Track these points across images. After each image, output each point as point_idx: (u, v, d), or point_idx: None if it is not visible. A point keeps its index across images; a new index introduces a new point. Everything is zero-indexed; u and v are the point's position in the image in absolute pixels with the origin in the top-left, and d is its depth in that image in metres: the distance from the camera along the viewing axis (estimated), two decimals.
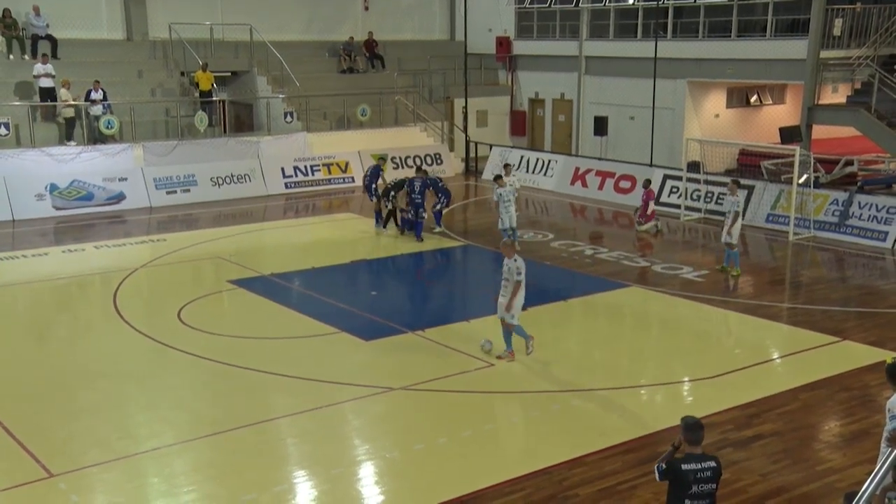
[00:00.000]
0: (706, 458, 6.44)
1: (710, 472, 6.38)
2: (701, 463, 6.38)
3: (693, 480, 6.33)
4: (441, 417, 10.40)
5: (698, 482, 6.34)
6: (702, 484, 6.36)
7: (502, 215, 17.46)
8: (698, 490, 6.35)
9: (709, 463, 6.41)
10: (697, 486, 6.34)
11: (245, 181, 24.55)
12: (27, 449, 9.39)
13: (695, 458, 6.42)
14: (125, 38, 27.41)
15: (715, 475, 6.41)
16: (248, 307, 14.73)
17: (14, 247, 18.91)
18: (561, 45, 30.53)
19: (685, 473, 6.34)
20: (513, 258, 11.72)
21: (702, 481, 6.36)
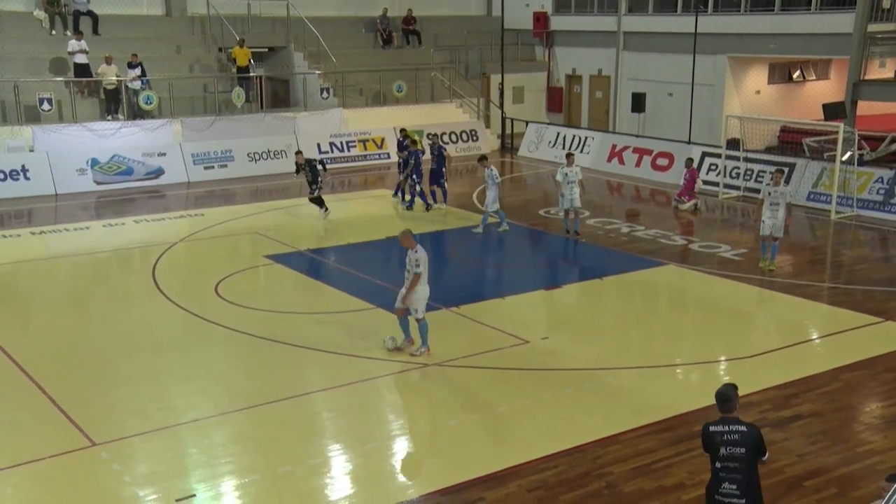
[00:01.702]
0: (737, 423, 6.43)
1: (737, 436, 6.36)
2: (729, 426, 6.40)
3: (720, 442, 6.37)
4: (475, 394, 10.42)
5: (726, 444, 6.36)
6: (730, 447, 6.36)
7: (564, 195, 17.05)
8: (726, 452, 6.36)
9: (738, 426, 6.40)
10: (725, 448, 6.37)
11: (281, 157, 24.65)
12: (71, 418, 9.59)
13: (725, 421, 6.44)
14: (164, 14, 27.59)
15: (744, 440, 6.36)
16: (284, 282, 14.84)
17: (57, 220, 19.23)
18: (599, 21, 30.13)
19: (712, 435, 6.42)
20: (414, 249, 11.03)
21: (730, 444, 6.35)
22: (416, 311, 11.22)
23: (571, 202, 17.06)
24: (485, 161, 18.31)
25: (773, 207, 14.88)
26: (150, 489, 8.26)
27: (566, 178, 17.01)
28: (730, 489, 6.37)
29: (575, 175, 16.98)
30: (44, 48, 24.49)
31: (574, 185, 16.94)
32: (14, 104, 22.39)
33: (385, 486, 8.42)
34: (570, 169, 17.02)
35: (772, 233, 14.98)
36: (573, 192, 16.96)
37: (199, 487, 8.31)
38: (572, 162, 17.27)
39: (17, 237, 17.65)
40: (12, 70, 23.15)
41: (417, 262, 11.02)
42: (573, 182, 16.94)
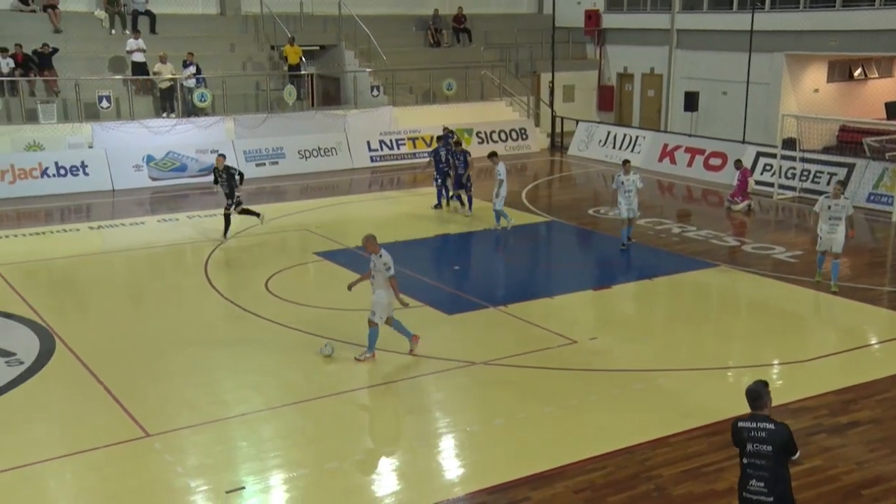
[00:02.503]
0: (766, 420, 6.36)
1: (764, 434, 6.29)
2: (758, 423, 6.35)
3: (747, 438, 6.34)
4: (522, 393, 10.37)
5: (752, 441, 6.32)
6: (756, 443, 6.31)
7: (620, 204, 16.14)
8: (753, 449, 6.32)
9: (766, 424, 6.33)
10: (752, 444, 6.33)
11: (332, 154, 24.86)
12: (126, 409, 9.78)
13: (754, 417, 6.39)
14: (219, 13, 28.01)
15: (771, 438, 6.27)
16: (333, 279, 14.94)
17: (114, 216, 19.66)
18: (652, 18, 29.78)
19: (739, 430, 6.41)
20: (377, 254, 10.87)
21: (756, 441, 6.31)
22: (374, 315, 11.01)
23: (628, 212, 16.14)
24: (495, 157, 18.12)
25: (832, 222, 13.63)
26: (201, 480, 8.39)
27: (622, 186, 16.06)
28: (757, 486, 6.33)
29: (633, 184, 16.00)
30: (104, 47, 25.05)
31: (631, 195, 16.00)
32: (75, 102, 22.94)
33: (430, 484, 8.43)
34: (627, 177, 16.03)
35: (832, 248, 13.70)
36: (630, 202, 16.04)
37: (248, 480, 8.42)
38: (629, 169, 16.25)
39: (76, 231, 18.07)
40: (74, 69, 23.72)
41: (388, 266, 10.82)
42: (630, 191, 15.99)
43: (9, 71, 22.45)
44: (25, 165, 21.19)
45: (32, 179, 21.12)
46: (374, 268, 10.97)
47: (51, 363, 11.07)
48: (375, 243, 10.98)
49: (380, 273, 10.91)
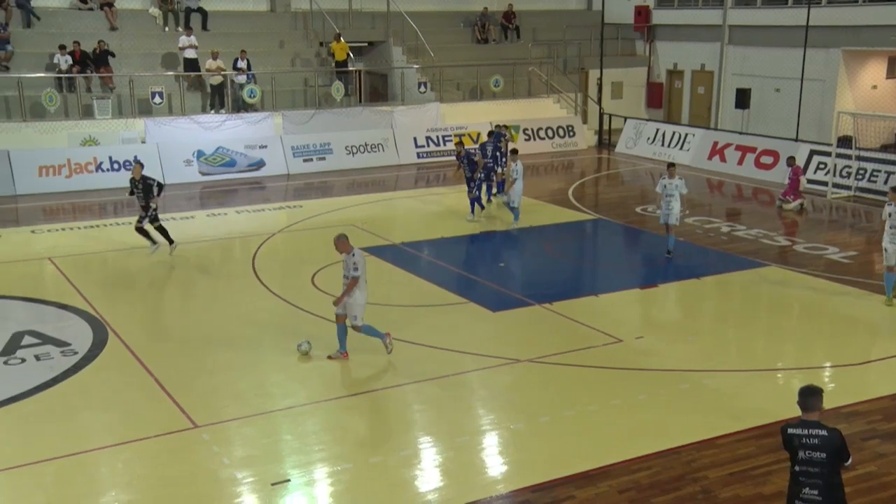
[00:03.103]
0: (818, 426, 6.19)
1: (817, 440, 6.14)
2: (809, 429, 6.18)
3: (799, 445, 6.19)
4: (567, 391, 10.32)
5: (804, 448, 6.17)
6: (808, 450, 6.16)
7: (662, 209, 15.56)
8: (805, 456, 6.18)
9: (818, 430, 6.17)
10: (804, 451, 6.18)
11: (378, 150, 24.97)
12: (175, 400, 9.96)
13: (805, 423, 6.23)
14: (269, 10, 28.31)
15: (825, 444, 6.13)
16: (378, 274, 14.99)
17: (165, 209, 19.90)
18: (703, 14, 29.35)
19: (790, 437, 6.25)
20: (350, 253, 10.71)
21: (808, 448, 6.16)
22: (355, 318, 10.90)
23: (667, 217, 15.47)
24: (515, 155, 18.01)
25: (892, 231, 12.67)
26: (247, 472, 8.50)
27: (665, 189, 15.43)
28: (811, 494, 6.19)
29: (675, 188, 15.30)
30: (157, 44, 25.50)
31: (672, 199, 15.30)
32: (129, 98, 23.39)
33: (474, 480, 8.43)
34: (670, 181, 15.33)
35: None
36: (670, 207, 15.34)
37: (293, 473, 8.50)
38: (674, 173, 15.46)
39: (128, 225, 18.41)
40: (129, 65, 24.20)
41: (356, 266, 10.68)
42: (671, 196, 15.31)
43: (67, 68, 22.97)
44: (81, 160, 21.67)
45: (87, 174, 21.58)
46: (345, 267, 10.83)
47: (103, 354, 11.31)
48: (346, 243, 10.82)
49: (349, 272, 10.77)
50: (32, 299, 13.46)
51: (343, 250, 10.82)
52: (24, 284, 14.19)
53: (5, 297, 13.50)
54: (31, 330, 12.02)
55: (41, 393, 10.14)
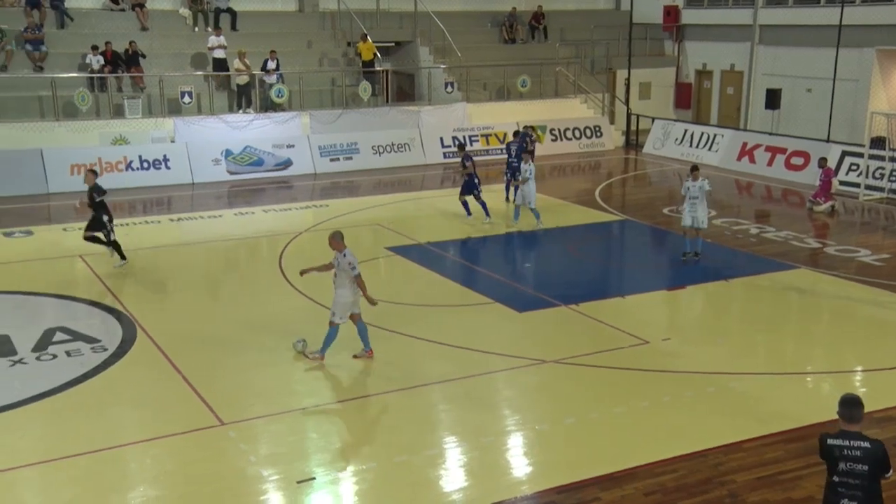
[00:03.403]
0: (860, 438, 6.09)
1: (859, 452, 6.03)
2: (850, 440, 6.07)
3: (839, 457, 6.07)
4: (593, 392, 10.27)
5: (845, 459, 6.05)
6: (850, 462, 6.04)
7: (686, 212, 15.21)
8: (846, 468, 6.06)
9: (860, 442, 6.06)
10: (845, 463, 6.06)
11: (405, 150, 25.01)
12: (202, 397, 10.04)
13: (846, 434, 6.12)
14: (297, 10, 28.47)
15: (867, 456, 6.02)
16: (404, 274, 15.06)
17: (193, 208, 20.18)
18: (734, 14, 29.10)
19: (830, 448, 6.13)
20: (342, 252, 10.68)
21: (850, 459, 6.04)
22: (334, 315, 10.83)
23: (692, 220, 15.13)
24: (528, 156, 18.01)
25: None
26: (273, 470, 8.55)
27: (688, 192, 15.11)
28: None
29: (698, 190, 14.97)
30: (187, 44, 25.73)
31: (697, 202, 14.98)
32: (159, 97, 23.63)
33: (499, 481, 8.42)
34: (693, 183, 15.00)
35: None
36: (695, 210, 15.02)
37: (318, 471, 8.54)
38: (697, 176, 15.10)
39: (157, 223, 18.62)
40: (158, 65, 24.45)
41: (352, 265, 10.63)
42: (696, 198, 14.98)
43: (99, 68, 23.25)
44: (112, 159, 21.92)
45: (118, 172, 21.82)
46: (339, 266, 10.78)
47: (132, 350, 11.44)
48: (340, 241, 10.80)
49: (343, 272, 10.71)
50: (64, 296, 13.64)
51: (336, 248, 10.79)
52: (56, 282, 14.38)
53: (38, 294, 13.70)
54: (63, 326, 12.19)
55: (72, 389, 10.28)
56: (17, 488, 8.24)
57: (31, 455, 8.74)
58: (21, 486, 8.28)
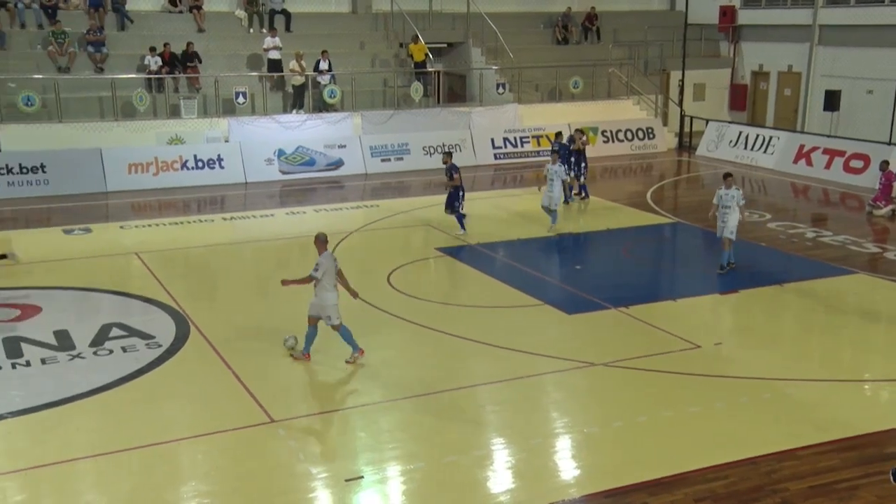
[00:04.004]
0: None
1: None
2: None
3: None
4: (642, 396, 10.15)
5: None
6: None
7: (718, 221, 14.76)
8: None
9: None
10: None
11: (456, 151, 24.92)
12: (253, 394, 10.17)
13: None
14: (351, 11, 28.70)
15: None
16: (454, 275, 15.07)
17: (246, 207, 20.47)
18: (792, 14, 28.52)
19: None
20: (322, 254, 10.70)
21: None
22: (330, 318, 10.81)
23: (723, 229, 14.56)
24: (554, 156, 17.95)
25: None
26: (322, 468, 8.63)
27: (721, 200, 14.54)
28: None
29: (731, 199, 14.37)
30: (242, 45, 26.12)
31: (729, 212, 14.38)
32: (214, 98, 24.03)
33: (547, 483, 8.37)
34: (727, 192, 14.45)
35: None
36: (725, 219, 14.45)
37: (366, 470, 8.59)
38: (731, 184, 14.56)
39: (210, 222, 18.92)
40: (214, 66, 24.86)
41: (317, 266, 10.63)
42: (728, 207, 14.39)
43: (157, 69, 23.73)
44: (167, 158, 22.35)
45: (173, 171, 22.25)
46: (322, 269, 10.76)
47: (185, 347, 11.64)
48: (320, 242, 10.85)
49: (328, 274, 10.72)
50: (120, 293, 13.94)
51: (318, 250, 10.86)
52: (113, 278, 14.71)
53: (96, 290, 14.03)
54: (119, 322, 12.46)
55: (127, 384, 10.49)
56: (75, 480, 8.44)
57: (87, 448, 8.94)
58: (79, 478, 8.48)
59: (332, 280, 10.78)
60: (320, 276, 10.66)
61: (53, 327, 12.18)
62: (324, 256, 10.78)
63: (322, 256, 10.78)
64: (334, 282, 10.84)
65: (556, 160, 17.71)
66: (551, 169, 17.49)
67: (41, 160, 21.22)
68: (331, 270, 10.76)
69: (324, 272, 10.67)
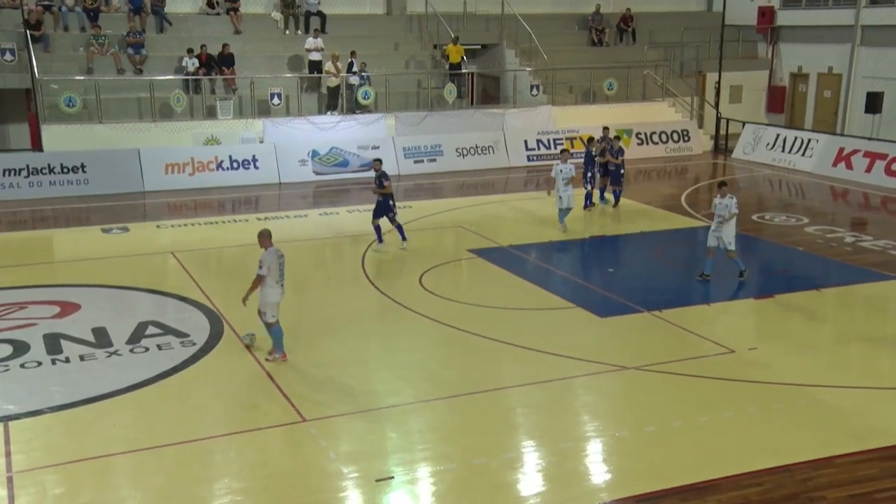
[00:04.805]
0: None
1: None
2: None
3: None
4: (675, 401, 10.06)
5: None
6: None
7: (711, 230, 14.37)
8: None
9: None
10: None
11: (489, 153, 25.01)
12: (285, 393, 10.24)
13: None
14: (385, 13, 28.80)
15: None
16: (485, 276, 15.04)
17: (279, 208, 20.63)
18: (833, 14, 28.07)
19: None
20: (266, 250, 10.75)
21: None
22: (265, 315, 10.89)
23: (717, 241, 14.18)
24: (564, 154, 18.04)
25: None
26: (353, 467, 8.66)
27: (716, 209, 14.19)
28: None
29: (724, 209, 14.02)
30: (278, 47, 26.32)
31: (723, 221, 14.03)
32: (249, 99, 24.25)
33: (577, 487, 8.32)
34: (720, 200, 14.10)
35: None
36: (719, 229, 14.09)
37: (397, 470, 8.60)
38: (725, 192, 14.20)
39: (245, 222, 19.09)
40: (250, 67, 25.08)
41: (260, 264, 10.68)
42: (722, 216, 14.04)
43: (194, 70, 24.01)
44: (203, 158, 22.60)
45: (209, 172, 22.49)
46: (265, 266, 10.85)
47: (219, 346, 11.75)
48: (265, 239, 10.89)
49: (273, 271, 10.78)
50: (156, 291, 14.13)
51: (263, 246, 10.89)
52: (149, 277, 14.91)
53: (133, 289, 14.22)
54: (155, 320, 12.62)
55: (162, 381, 10.63)
56: (112, 474, 8.56)
57: (123, 443, 9.07)
58: (115, 473, 8.60)
59: (275, 276, 10.87)
60: (266, 273, 10.73)
61: (92, 325, 12.38)
62: (268, 253, 10.84)
63: (266, 253, 10.83)
64: (277, 278, 10.92)
65: (565, 159, 17.69)
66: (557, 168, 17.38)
67: (81, 160, 21.58)
68: (275, 266, 10.85)
69: (268, 268, 10.78)
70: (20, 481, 8.33)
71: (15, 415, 9.66)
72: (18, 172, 21.11)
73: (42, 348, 11.51)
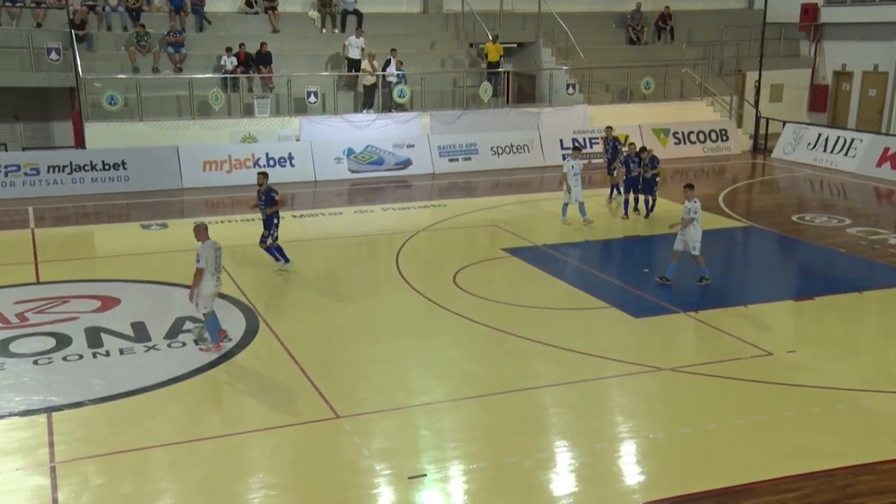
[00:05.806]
0: None
1: None
2: None
3: None
4: (711, 403, 9.95)
5: None
6: None
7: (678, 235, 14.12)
8: None
9: None
10: None
11: (524, 151, 24.93)
12: (319, 390, 10.31)
13: None
14: (421, 12, 28.86)
15: None
16: (519, 275, 15.00)
17: (315, 205, 20.77)
18: (880, 11, 27.51)
19: None
20: (202, 243, 10.99)
21: None
22: (198, 305, 11.12)
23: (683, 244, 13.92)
24: (576, 153, 18.28)
25: None
26: (386, 464, 8.69)
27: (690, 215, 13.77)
28: None
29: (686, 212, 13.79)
30: (315, 45, 26.49)
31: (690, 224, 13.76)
32: (286, 97, 24.44)
33: (611, 488, 8.27)
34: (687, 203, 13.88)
35: None
36: (685, 233, 13.85)
37: (429, 468, 8.61)
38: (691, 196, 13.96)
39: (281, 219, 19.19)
40: (287, 65, 25.28)
41: (198, 257, 10.90)
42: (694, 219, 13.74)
43: (232, 68, 24.26)
44: (240, 156, 22.81)
45: (246, 169, 22.68)
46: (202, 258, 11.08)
47: (254, 342, 11.86)
48: (202, 233, 11.19)
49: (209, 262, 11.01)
50: None
51: (199, 239, 11.17)
52: (187, 273, 14.93)
53: (171, 284, 14.40)
54: (192, 316, 12.75)
55: (198, 376, 10.75)
56: (150, 466, 8.69)
57: (161, 436, 9.19)
58: (154, 465, 8.72)
59: (211, 269, 11.08)
60: (204, 266, 10.98)
61: (131, 319, 12.57)
62: (204, 246, 11.10)
63: (202, 246, 11.09)
64: (213, 270, 11.13)
65: (575, 156, 17.89)
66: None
67: (122, 157, 21.91)
68: (212, 259, 11.06)
69: (205, 260, 10.98)
70: (62, 471, 8.49)
71: (58, 406, 9.85)
72: (62, 169, 21.51)
73: (83, 341, 11.72)
